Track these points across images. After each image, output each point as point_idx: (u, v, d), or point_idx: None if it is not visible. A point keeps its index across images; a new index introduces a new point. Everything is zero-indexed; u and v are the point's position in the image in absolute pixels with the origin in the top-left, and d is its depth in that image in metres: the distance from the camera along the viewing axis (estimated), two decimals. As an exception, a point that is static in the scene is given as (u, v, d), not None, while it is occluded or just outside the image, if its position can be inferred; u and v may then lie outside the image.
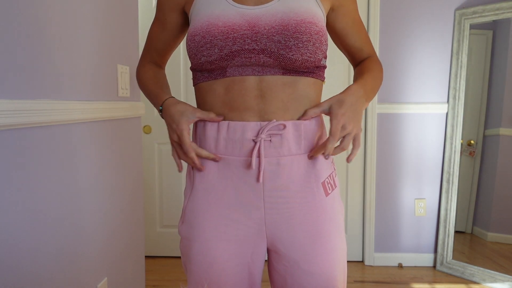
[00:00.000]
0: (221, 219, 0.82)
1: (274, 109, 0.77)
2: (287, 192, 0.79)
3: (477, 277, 2.30)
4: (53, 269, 1.12)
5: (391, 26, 2.45)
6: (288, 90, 0.78)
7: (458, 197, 2.45)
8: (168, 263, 2.57)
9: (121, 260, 1.57)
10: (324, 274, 0.81)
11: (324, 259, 0.81)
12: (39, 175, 1.05)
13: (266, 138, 0.76)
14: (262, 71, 0.77)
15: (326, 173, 0.83)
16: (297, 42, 0.75)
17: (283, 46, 0.75)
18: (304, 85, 0.79)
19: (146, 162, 2.62)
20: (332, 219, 0.83)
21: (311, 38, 0.75)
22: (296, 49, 0.75)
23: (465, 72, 2.38)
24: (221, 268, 0.82)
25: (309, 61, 0.77)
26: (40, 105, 1.02)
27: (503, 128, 2.29)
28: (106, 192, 1.44)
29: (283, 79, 0.77)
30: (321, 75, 0.84)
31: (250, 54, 0.75)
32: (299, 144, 0.78)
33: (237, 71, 0.77)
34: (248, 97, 0.77)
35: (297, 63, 0.76)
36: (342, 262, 0.85)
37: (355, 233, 2.63)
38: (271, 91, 0.77)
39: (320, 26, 0.78)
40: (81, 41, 1.25)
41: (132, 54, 1.66)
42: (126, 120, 1.60)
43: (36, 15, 1.02)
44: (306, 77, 0.79)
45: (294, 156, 0.78)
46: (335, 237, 0.83)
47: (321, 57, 0.79)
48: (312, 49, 0.76)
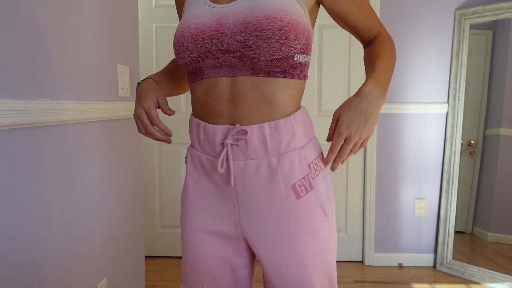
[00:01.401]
0: (205, 212, 0.85)
1: (242, 114, 0.77)
2: (256, 196, 0.80)
3: (477, 277, 2.30)
4: (53, 269, 1.12)
5: (391, 26, 2.45)
6: (255, 93, 0.76)
7: (458, 197, 2.44)
8: (168, 263, 2.57)
9: (121, 260, 1.57)
10: (297, 278, 0.79)
11: (296, 262, 0.79)
12: (39, 175, 1.05)
13: (233, 143, 0.77)
14: (232, 72, 0.76)
15: (298, 175, 0.79)
16: (257, 40, 0.71)
17: (243, 45, 0.73)
18: (272, 87, 0.76)
19: (146, 162, 2.62)
20: (304, 222, 0.79)
21: (273, 35, 0.71)
22: (256, 47, 0.72)
23: (465, 72, 2.38)
24: (205, 259, 0.86)
25: (274, 59, 0.73)
26: (40, 105, 1.02)
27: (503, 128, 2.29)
28: (106, 192, 1.44)
29: (252, 80, 0.76)
30: (298, 73, 0.78)
31: (217, 55, 0.75)
32: (265, 147, 0.77)
33: (212, 72, 0.78)
34: (220, 101, 0.78)
35: (262, 62, 0.73)
36: (320, 266, 0.81)
37: (355, 233, 2.63)
38: (240, 94, 0.77)
39: (287, 21, 0.71)
40: (81, 41, 1.25)
41: (132, 54, 1.66)
42: (126, 120, 1.60)
43: (36, 15, 1.02)
44: (276, 78, 0.76)
45: (261, 159, 0.78)
46: (305, 240, 0.79)
47: (291, 53, 0.73)
48: (275, 46, 0.71)
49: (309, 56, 0.80)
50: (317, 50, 2.53)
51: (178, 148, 2.61)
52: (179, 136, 2.60)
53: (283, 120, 0.77)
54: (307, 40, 0.76)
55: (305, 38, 0.75)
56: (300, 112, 0.81)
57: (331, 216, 0.84)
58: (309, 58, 0.81)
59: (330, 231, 0.83)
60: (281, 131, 0.77)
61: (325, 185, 0.84)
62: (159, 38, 2.55)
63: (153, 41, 2.56)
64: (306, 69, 0.81)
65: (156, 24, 2.55)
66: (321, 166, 0.84)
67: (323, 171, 0.84)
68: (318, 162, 0.83)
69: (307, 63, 0.80)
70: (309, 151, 0.81)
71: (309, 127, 0.84)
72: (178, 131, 2.59)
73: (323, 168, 0.84)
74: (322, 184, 0.83)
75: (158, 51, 2.56)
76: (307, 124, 0.83)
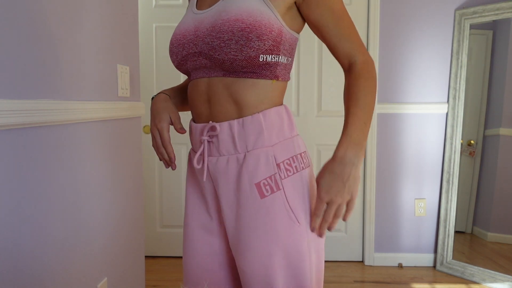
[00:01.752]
0: (196, 207, 0.90)
1: (216, 113, 0.82)
2: (226, 192, 0.82)
3: (477, 277, 2.30)
4: (53, 269, 1.12)
5: (391, 26, 2.45)
6: (225, 93, 0.80)
7: (458, 197, 2.45)
8: (168, 263, 2.57)
9: (121, 260, 1.57)
10: (256, 276, 0.79)
11: (253, 260, 0.78)
12: (39, 175, 1.05)
13: (208, 139, 0.81)
14: (209, 73, 0.81)
15: (264, 174, 0.79)
16: (219, 41, 0.75)
17: (209, 47, 0.77)
18: (240, 87, 0.79)
19: (146, 162, 2.62)
20: (265, 222, 0.78)
21: (233, 36, 0.73)
22: (219, 48, 0.76)
23: (465, 72, 2.38)
24: (200, 257, 0.89)
25: (237, 59, 0.75)
26: (40, 105, 1.02)
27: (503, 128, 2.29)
28: (106, 192, 1.44)
29: (223, 81, 0.80)
30: (267, 74, 0.79)
31: (194, 57, 0.81)
32: (233, 144, 0.80)
33: (195, 74, 0.84)
34: (200, 102, 0.84)
35: (227, 63, 0.76)
36: (285, 271, 0.79)
37: (355, 233, 2.63)
38: (214, 95, 0.81)
39: (249, 22, 0.73)
40: (81, 41, 1.25)
41: (132, 54, 1.66)
42: (126, 120, 1.60)
43: (36, 15, 1.02)
44: (244, 78, 0.78)
45: (231, 156, 0.81)
46: (264, 240, 0.78)
47: (254, 54, 0.75)
48: (235, 47, 0.74)
49: (281, 56, 0.79)
50: (317, 50, 2.53)
51: (178, 148, 2.61)
52: (179, 136, 2.60)
53: (250, 117, 0.78)
54: (275, 41, 0.76)
55: (271, 39, 0.75)
56: (274, 110, 0.80)
57: (305, 223, 0.80)
58: (284, 58, 0.81)
59: (301, 238, 0.79)
60: (248, 128, 0.79)
61: (301, 189, 0.81)
62: (159, 38, 2.55)
63: (153, 41, 2.56)
64: (279, 69, 0.80)
65: (156, 24, 2.55)
66: (297, 167, 0.81)
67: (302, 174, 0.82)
68: (293, 162, 0.81)
69: (279, 63, 0.80)
70: (280, 150, 0.80)
71: (285, 126, 0.82)
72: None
73: (300, 170, 0.81)
74: (296, 187, 0.80)
75: (158, 51, 2.56)
76: (282, 123, 0.82)
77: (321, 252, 0.85)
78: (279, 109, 0.82)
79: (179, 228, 2.66)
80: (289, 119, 0.84)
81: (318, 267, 0.84)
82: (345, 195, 0.76)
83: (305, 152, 0.85)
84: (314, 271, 0.82)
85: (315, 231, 0.81)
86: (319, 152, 2.58)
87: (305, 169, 0.83)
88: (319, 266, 0.84)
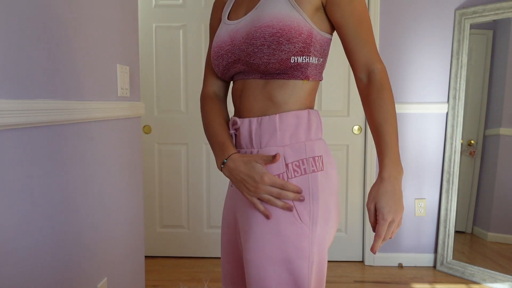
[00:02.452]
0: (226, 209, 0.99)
1: (243, 108, 0.89)
2: None
3: (477, 277, 2.30)
4: (53, 269, 1.12)
5: (391, 26, 2.45)
6: (256, 91, 0.86)
7: (458, 197, 2.44)
8: (168, 263, 2.57)
9: (121, 260, 1.57)
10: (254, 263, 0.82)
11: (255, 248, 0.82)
12: (38, 175, 1.05)
13: (235, 133, 0.90)
14: (246, 76, 0.88)
15: (272, 171, 0.83)
16: (253, 48, 0.81)
17: (245, 54, 0.84)
18: (270, 86, 0.85)
19: (146, 162, 2.62)
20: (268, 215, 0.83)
21: (265, 42, 0.79)
22: (253, 54, 0.82)
23: (465, 72, 2.38)
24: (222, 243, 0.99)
25: (270, 62, 0.81)
26: (40, 105, 1.02)
27: (503, 128, 2.29)
28: (106, 192, 1.44)
29: (258, 81, 0.86)
30: (298, 74, 0.84)
31: (234, 65, 0.88)
32: (250, 140, 0.86)
33: (236, 77, 0.91)
34: (235, 97, 0.92)
35: (262, 67, 0.82)
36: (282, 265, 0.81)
37: (355, 233, 2.63)
38: (245, 92, 0.88)
39: (279, 27, 0.79)
40: (81, 41, 1.25)
41: (132, 54, 1.66)
42: (126, 120, 1.60)
43: (35, 15, 1.02)
44: (275, 79, 0.84)
45: (248, 150, 0.87)
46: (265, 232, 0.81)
47: (285, 56, 0.80)
48: (268, 51, 0.80)
49: (312, 57, 0.83)
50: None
51: (178, 148, 2.61)
52: (179, 136, 2.60)
53: (267, 118, 0.84)
54: (305, 43, 0.81)
55: (301, 41, 0.80)
56: (292, 113, 0.84)
57: (309, 223, 0.82)
58: (314, 58, 0.84)
59: (302, 236, 0.81)
60: (264, 127, 0.85)
61: (308, 190, 0.83)
62: (159, 38, 2.55)
63: (153, 41, 2.56)
64: (310, 70, 0.85)
65: (156, 24, 2.55)
66: (306, 170, 0.83)
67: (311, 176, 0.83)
68: (302, 164, 0.83)
69: (310, 64, 0.84)
70: (290, 151, 0.84)
71: (302, 130, 0.85)
72: (178, 131, 2.59)
73: (309, 172, 0.83)
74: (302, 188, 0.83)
75: (158, 51, 2.56)
76: (298, 126, 0.85)
77: (324, 255, 0.85)
78: (300, 113, 0.85)
79: (179, 228, 2.66)
80: (308, 123, 0.86)
81: (319, 268, 0.84)
82: (401, 210, 0.80)
83: (320, 157, 0.86)
84: (314, 272, 0.83)
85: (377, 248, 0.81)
86: (319, 152, 2.58)
87: (316, 172, 0.84)
88: (320, 268, 0.84)
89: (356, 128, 2.54)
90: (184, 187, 2.63)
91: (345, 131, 2.56)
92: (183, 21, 2.53)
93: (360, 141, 2.57)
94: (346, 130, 2.56)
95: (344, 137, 2.57)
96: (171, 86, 2.58)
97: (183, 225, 2.65)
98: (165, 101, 2.59)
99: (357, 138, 2.56)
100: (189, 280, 2.32)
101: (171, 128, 2.60)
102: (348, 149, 2.58)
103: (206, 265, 2.54)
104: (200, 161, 2.61)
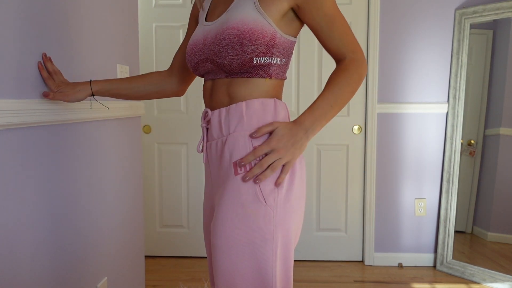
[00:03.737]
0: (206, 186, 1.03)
1: (214, 104, 0.94)
2: (214, 169, 0.94)
3: (477, 277, 2.30)
4: (53, 269, 1.12)
5: (391, 26, 2.45)
6: (223, 88, 0.92)
7: (458, 197, 2.44)
8: (168, 263, 2.57)
9: (121, 260, 1.57)
10: (220, 247, 0.84)
11: (221, 232, 0.84)
12: (38, 175, 1.05)
13: (206, 126, 0.94)
14: (214, 76, 0.93)
15: (240, 154, 0.87)
16: (219, 47, 0.87)
17: (212, 53, 0.89)
18: (236, 84, 0.90)
19: (146, 162, 2.62)
20: (234, 196, 0.85)
21: (230, 42, 0.85)
22: (219, 53, 0.87)
23: (465, 72, 2.38)
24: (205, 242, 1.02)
25: (234, 62, 0.86)
26: (39, 105, 1.02)
27: (503, 128, 2.29)
28: (105, 191, 1.43)
29: (224, 81, 0.92)
30: (260, 73, 0.89)
31: (203, 63, 0.93)
32: (220, 128, 0.91)
33: (206, 76, 0.97)
34: (206, 97, 0.98)
35: (226, 66, 0.88)
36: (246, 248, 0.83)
37: (355, 233, 2.63)
38: (214, 91, 0.94)
39: (243, 29, 0.84)
40: (81, 41, 1.25)
41: (132, 53, 1.66)
42: (126, 120, 1.60)
43: (35, 15, 1.02)
44: (239, 78, 0.89)
45: (218, 139, 0.92)
46: (232, 213, 0.84)
47: (248, 57, 0.85)
48: (232, 52, 0.85)
49: (274, 57, 0.88)
50: (317, 51, 2.53)
51: (178, 148, 2.61)
52: (179, 136, 2.60)
53: (235, 105, 0.89)
54: (267, 45, 0.86)
55: (264, 43, 0.86)
56: (259, 100, 0.89)
57: (273, 205, 0.84)
58: (277, 59, 0.89)
59: (267, 219, 0.84)
60: (232, 114, 0.89)
61: (274, 174, 0.85)
62: (159, 38, 2.55)
63: (153, 41, 2.56)
64: (272, 69, 0.90)
65: (156, 24, 2.55)
66: None
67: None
68: None
69: (272, 64, 0.89)
70: None
71: (269, 116, 0.89)
72: (178, 131, 2.59)
73: None
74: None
75: (158, 50, 2.56)
76: (266, 113, 0.89)
77: (290, 240, 0.87)
78: (267, 100, 0.90)
79: (179, 228, 2.66)
80: (274, 110, 0.90)
81: (285, 252, 0.86)
82: (288, 153, 0.83)
83: None
84: (279, 257, 0.84)
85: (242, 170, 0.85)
86: (319, 151, 2.58)
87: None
88: (286, 252, 0.86)
89: (356, 128, 2.54)
90: (184, 187, 2.63)
91: (345, 131, 2.56)
92: (183, 21, 2.53)
93: (360, 141, 2.57)
94: (346, 130, 2.56)
95: (344, 137, 2.57)
96: (171, 86, 2.58)
97: (183, 225, 2.65)
98: (165, 101, 2.59)
99: (357, 138, 2.56)
100: (189, 280, 2.32)
101: (171, 128, 2.60)
102: (348, 149, 2.57)
103: (206, 265, 2.54)
104: (200, 161, 2.61)
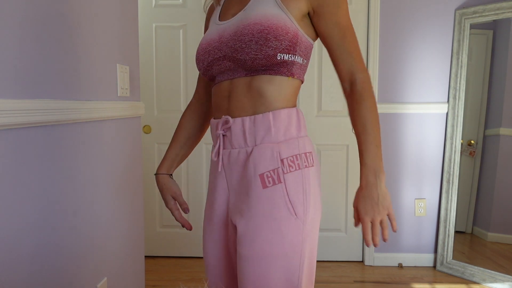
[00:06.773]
0: (208, 203, 0.98)
1: (234, 108, 0.89)
2: (236, 180, 0.90)
3: (477, 277, 2.30)
4: (52, 269, 1.12)
5: (391, 26, 2.45)
6: (245, 89, 0.87)
7: (458, 197, 2.44)
8: (168, 263, 2.57)
9: (121, 260, 1.57)
10: (253, 260, 0.83)
11: (253, 245, 0.83)
12: (38, 175, 1.05)
13: (223, 133, 0.89)
14: (232, 75, 0.89)
15: (268, 167, 0.85)
16: (241, 43, 0.83)
17: (233, 50, 0.85)
18: (258, 82, 0.86)
19: (146, 162, 2.62)
20: (267, 210, 0.84)
21: (253, 38, 0.82)
22: (241, 49, 0.84)
23: (465, 72, 2.38)
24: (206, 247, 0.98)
25: (257, 58, 0.83)
26: (39, 105, 1.01)
27: (503, 128, 2.29)
28: (105, 192, 1.43)
29: (244, 79, 0.88)
30: (284, 71, 0.86)
31: (219, 62, 0.89)
32: (244, 138, 0.87)
33: (219, 77, 0.92)
34: (221, 98, 0.92)
35: (248, 63, 0.84)
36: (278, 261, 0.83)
37: (355, 233, 2.63)
38: (234, 91, 0.89)
39: (267, 25, 0.81)
40: (81, 41, 1.25)
41: (132, 54, 1.66)
42: (125, 120, 1.60)
43: (35, 15, 1.02)
44: (261, 75, 0.86)
45: (241, 149, 0.88)
46: (264, 228, 0.83)
47: (272, 52, 0.82)
48: (255, 47, 0.82)
49: (297, 56, 0.86)
50: (317, 51, 2.53)
51: (178, 148, 2.61)
52: (179, 136, 2.59)
53: (261, 116, 0.86)
54: (291, 41, 0.84)
55: (287, 39, 0.83)
56: (284, 111, 0.87)
57: (303, 218, 0.85)
58: (300, 58, 0.87)
59: (298, 232, 0.84)
60: (258, 125, 0.86)
61: (301, 185, 0.85)
62: (159, 38, 2.55)
63: (153, 41, 2.56)
64: (295, 68, 0.87)
65: (156, 24, 2.55)
66: (300, 165, 0.87)
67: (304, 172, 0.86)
68: (296, 160, 0.87)
69: (295, 62, 0.87)
70: (285, 148, 0.86)
71: (293, 127, 0.88)
72: (178, 131, 2.59)
73: (302, 167, 0.87)
74: (296, 182, 0.85)
75: (158, 50, 2.56)
76: (290, 123, 0.88)
77: (314, 249, 0.89)
78: (290, 111, 0.87)
79: (179, 228, 2.66)
80: (298, 121, 0.89)
81: (310, 262, 0.88)
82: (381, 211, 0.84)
83: (310, 153, 0.90)
84: (305, 265, 0.86)
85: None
86: (319, 152, 2.58)
87: (308, 167, 0.88)
88: (311, 262, 0.88)
89: (356, 128, 2.54)
90: (184, 187, 2.63)
91: (345, 131, 2.56)
92: (183, 21, 2.53)
93: (360, 141, 2.57)
94: (346, 130, 2.56)
95: (344, 137, 2.57)
96: (171, 86, 2.58)
97: (183, 225, 2.65)
98: (165, 101, 2.59)
99: (357, 138, 2.56)
100: (189, 280, 2.32)
101: (171, 128, 2.60)
102: (348, 149, 2.57)
103: (206, 265, 2.54)
104: (200, 161, 2.61)
